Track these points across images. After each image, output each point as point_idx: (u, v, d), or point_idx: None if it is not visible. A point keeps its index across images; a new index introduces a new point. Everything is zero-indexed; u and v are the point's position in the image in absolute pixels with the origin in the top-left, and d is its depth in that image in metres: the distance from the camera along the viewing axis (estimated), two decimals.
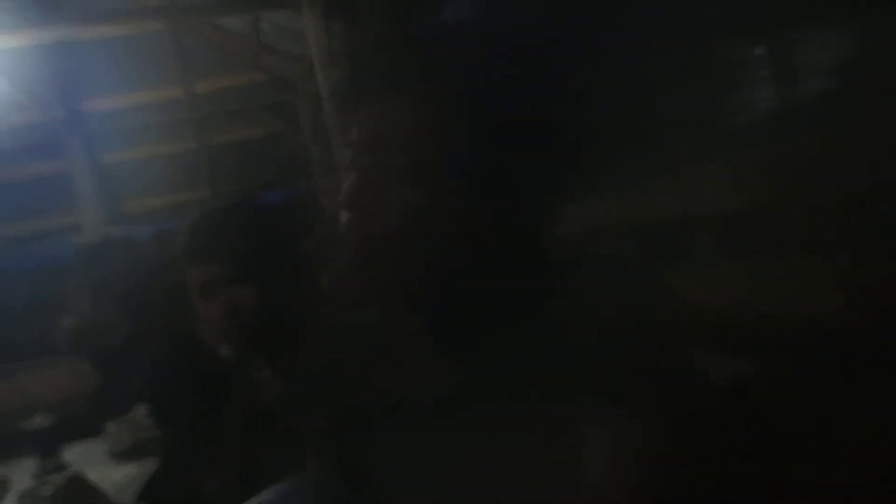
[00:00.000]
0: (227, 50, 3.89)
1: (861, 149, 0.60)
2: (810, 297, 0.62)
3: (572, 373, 0.52)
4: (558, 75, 0.56)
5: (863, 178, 0.59)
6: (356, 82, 0.60)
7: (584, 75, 0.59)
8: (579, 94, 0.57)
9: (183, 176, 3.68)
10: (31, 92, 3.46)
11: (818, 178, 0.63)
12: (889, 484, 0.51)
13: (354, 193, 0.58)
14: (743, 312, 0.67)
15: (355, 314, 0.72)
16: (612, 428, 0.51)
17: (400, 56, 0.57)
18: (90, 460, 1.58)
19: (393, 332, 0.66)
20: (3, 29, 2.59)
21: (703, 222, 0.72)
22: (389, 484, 0.62)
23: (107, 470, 1.49)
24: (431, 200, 0.55)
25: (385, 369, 0.65)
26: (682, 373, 0.54)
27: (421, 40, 0.57)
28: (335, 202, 0.59)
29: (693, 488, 0.49)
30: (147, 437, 1.61)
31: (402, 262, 0.57)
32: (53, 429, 1.66)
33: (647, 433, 0.50)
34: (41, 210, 3.77)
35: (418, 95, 0.56)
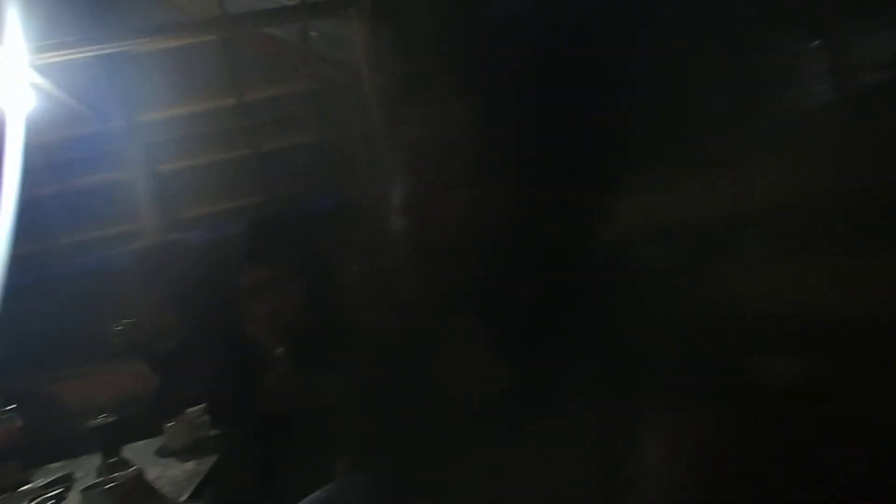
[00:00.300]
0: (277, 59, 3.96)
1: None
2: (870, 294, 0.61)
3: (628, 374, 0.52)
4: (610, 75, 0.56)
5: None
6: (407, 87, 0.61)
7: (636, 74, 0.59)
8: (632, 94, 0.57)
9: (236, 183, 3.76)
10: (91, 104, 3.59)
11: (875, 173, 0.61)
12: None
13: (410, 198, 0.58)
14: (800, 311, 0.66)
15: (407, 316, 0.73)
16: (669, 429, 0.50)
17: (451, 60, 0.58)
18: (150, 458, 1.63)
19: (446, 334, 0.66)
20: (63, 44, 2.70)
21: (757, 219, 0.71)
22: (438, 484, 0.63)
23: (166, 467, 1.53)
24: (486, 203, 0.56)
25: (437, 371, 0.66)
26: (740, 372, 0.53)
27: (471, 43, 0.58)
28: (388, 207, 0.60)
29: (753, 488, 0.49)
30: (204, 435, 1.66)
31: (457, 265, 0.58)
32: (116, 427, 1.72)
33: (706, 434, 0.49)
34: (102, 218, 3.89)
35: (471, 98, 0.56)
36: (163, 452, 1.63)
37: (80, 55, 2.82)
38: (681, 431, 0.50)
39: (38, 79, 2.84)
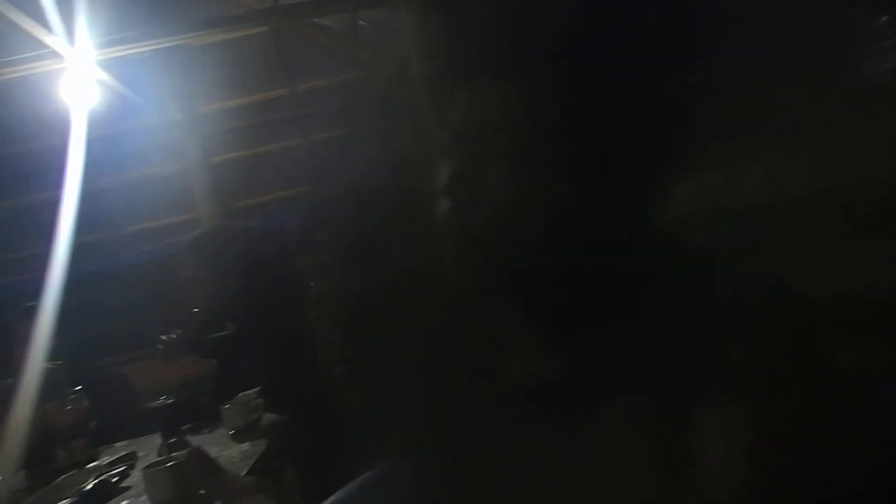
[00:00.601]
0: (327, 49, 4.01)
1: None
2: None
3: (684, 362, 0.51)
4: (664, 51, 0.55)
5: None
6: (453, 67, 0.60)
7: (693, 50, 0.57)
8: (687, 71, 0.56)
9: (289, 172, 3.82)
10: (149, 97, 3.70)
11: None
12: None
13: (454, 179, 0.58)
14: (867, 295, 0.63)
15: (454, 302, 0.73)
16: (728, 421, 0.49)
17: (499, 38, 0.57)
18: (208, 437, 1.69)
19: (494, 320, 0.66)
20: (123, 39, 2.78)
21: (822, 200, 0.68)
22: (484, 475, 0.63)
23: (223, 447, 1.58)
24: (533, 185, 0.55)
25: (485, 360, 0.66)
26: (805, 361, 0.51)
27: (520, 21, 0.57)
28: (436, 190, 0.59)
29: (817, 484, 0.47)
30: (259, 417, 1.70)
31: (504, 249, 0.57)
32: (175, 409, 1.78)
33: (769, 427, 0.48)
34: (162, 207, 4.02)
35: (517, 78, 0.55)
36: (221, 433, 1.67)
37: (139, 50, 2.90)
38: (743, 425, 0.49)
39: (101, 74, 2.94)
